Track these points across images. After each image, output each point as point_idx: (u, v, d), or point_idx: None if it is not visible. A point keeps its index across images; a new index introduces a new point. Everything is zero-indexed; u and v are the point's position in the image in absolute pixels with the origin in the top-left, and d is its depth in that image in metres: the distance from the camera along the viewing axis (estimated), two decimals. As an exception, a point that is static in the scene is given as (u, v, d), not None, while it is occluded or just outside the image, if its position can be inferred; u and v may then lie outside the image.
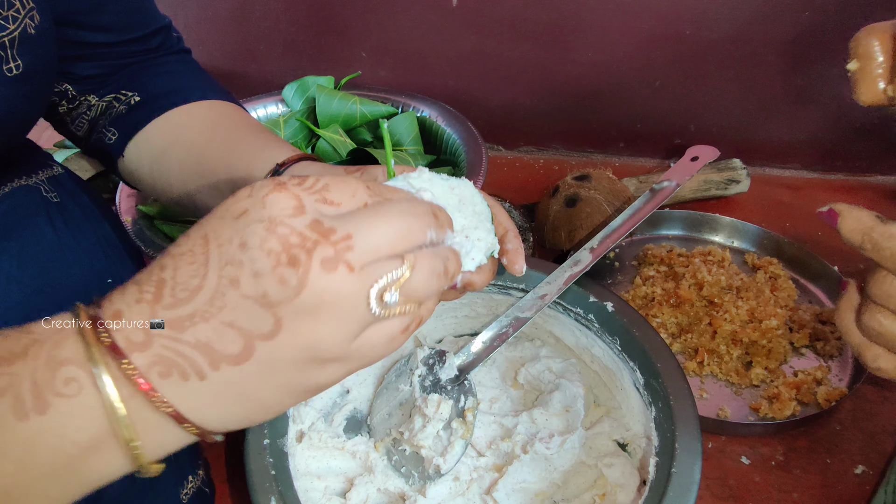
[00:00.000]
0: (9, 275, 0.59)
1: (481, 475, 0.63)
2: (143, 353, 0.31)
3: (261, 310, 0.31)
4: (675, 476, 0.53)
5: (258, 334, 0.31)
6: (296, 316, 0.31)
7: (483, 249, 0.42)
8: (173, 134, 0.66)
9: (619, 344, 0.66)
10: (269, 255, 0.31)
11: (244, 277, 0.31)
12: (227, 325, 0.31)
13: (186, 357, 0.31)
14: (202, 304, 0.31)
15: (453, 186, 0.42)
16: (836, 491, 0.67)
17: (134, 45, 0.68)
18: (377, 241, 0.32)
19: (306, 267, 0.31)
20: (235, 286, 0.31)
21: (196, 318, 0.31)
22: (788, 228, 0.98)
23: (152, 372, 0.31)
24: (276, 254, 0.31)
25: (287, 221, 0.31)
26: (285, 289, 0.31)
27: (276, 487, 0.53)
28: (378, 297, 0.32)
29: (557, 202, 0.88)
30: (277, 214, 0.31)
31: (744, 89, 1.04)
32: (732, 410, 0.74)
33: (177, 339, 0.31)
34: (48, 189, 0.67)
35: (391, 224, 0.33)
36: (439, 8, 1.03)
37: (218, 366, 0.32)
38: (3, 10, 0.50)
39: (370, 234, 0.32)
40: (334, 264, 0.31)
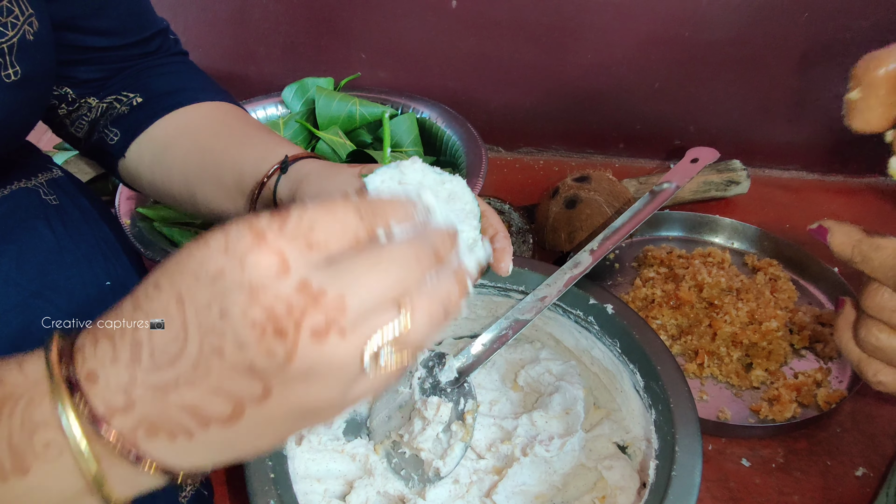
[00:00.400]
0: (7, 277, 0.59)
1: (481, 478, 0.63)
2: (126, 415, 0.30)
3: (249, 378, 0.29)
4: (676, 479, 0.53)
5: (248, 398, 0.30)
6: (286, 383, 0.29)
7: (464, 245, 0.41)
8: (176, 132, 0.67)
9: (619, 346, 0.66)
10: (253, 328, 0.28)
11: (228, 348, 0.29)
12: (214, 390, 0.29)
13: (173, 419, 0.30)
14: (185, 369, 0.29)
15: (445, 181, 0.42)
16: (836, 493, 0.67)
17: (133, 49, 0.68)
18: (372, 297, 0.30)
19: (294, 338, 0.28)
20: (219, 356, 0.29)
21: (181, 383, 0.29)
22: (788, 230, 0.98)
23: (138, 433, 0.30)
24: (261, 325, 0.28)
25: (271, 288, 0.28)
26: (273, 360, 0.28)
27: (275, 490, 0.53)
28: (373, 357, 0.30)
29: (557, 203, 0.88)
30: (259, 279, 0.28)
31: (743, 91, 1.04)
32: (732, 412, 0.73)
33: (162, 402, 0.30)
34: (47, 191, 0.67)
35: (389, 274, 0.30)
36: (439, 9, 1.03)
37: (207, 426, 0.30)
38: (2, 17, 0.50)
39: (365, 290, 0.29)
40: (325, 332, 0.28)
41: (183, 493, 0.57)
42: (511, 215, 0.95)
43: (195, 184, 0.64)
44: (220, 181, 0.62)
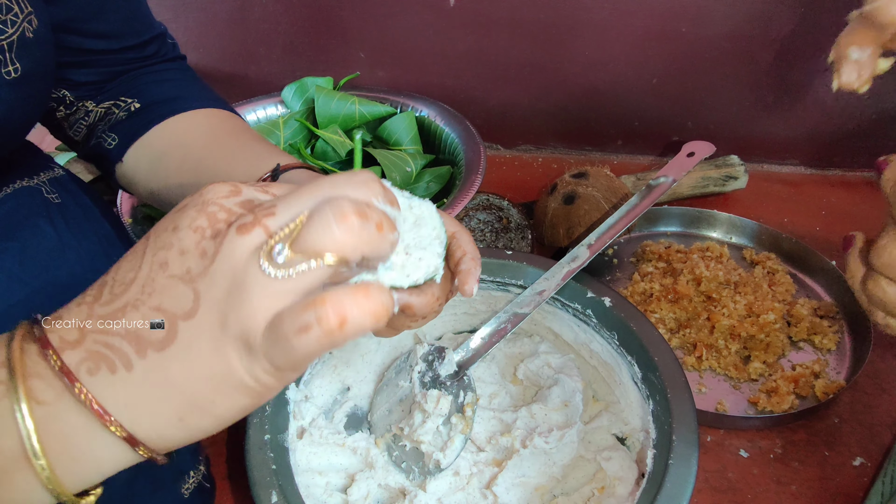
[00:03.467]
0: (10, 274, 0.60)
1: (481, 470, 0.63)
2: (75, 350, 0.31)
3: (184, 286, 0.31)
4: (673, 468, 0.53)
5: (181, 313, 0.31)
6: (210, 286, 0.30)
7: (423, 269, 0.39)
8: (173, 140, 0.67)
9: (617, 339, 0.66)
10: (195, 232, 0.31)
11: (172, 257, 0.31)
12: (155, 309, 0.31)
13: (115, 348, 0.31)
14: (135, 293, 0.31)
15: (413, 205, 0.41)
16: (834, 483, 0.67)
17: (130, 53, 0.69)
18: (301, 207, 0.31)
19: (223, 235, 0.31)
20: (164, 268, 0.31)
21: (128, 307, 0.31)
22: (786, 224, 0.99)
23: (81, 369, 0.31)
24: (202, 229, 0.31)
25: (219, 201, 0.32)
26: (203, 260, 0.31)
27: (276, 482, 0.53)
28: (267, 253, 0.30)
29: (555, 200, 0.89)
30: (211, 197, 0.32)
31: (741, 86, 1.04)
32: (731, 404, 0.74)
33: (107, 332, 0.31)
34: (49, 190, 0.68)
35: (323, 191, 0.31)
36: (437, 8, 1.03)
37: (145, 352, 0.31)
38: (1, 14, 0.51)
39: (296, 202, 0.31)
40: (250, 228, 0.30)
41: (185, 485, 0.57)
42: (510, 212, 0.96)
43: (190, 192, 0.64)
44: None
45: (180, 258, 0.31)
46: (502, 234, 0.93)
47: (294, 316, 0.29)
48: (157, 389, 0.31)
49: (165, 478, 0.56)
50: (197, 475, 0.59)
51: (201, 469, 0.61)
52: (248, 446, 0.56)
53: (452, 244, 0.47)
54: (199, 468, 0.60)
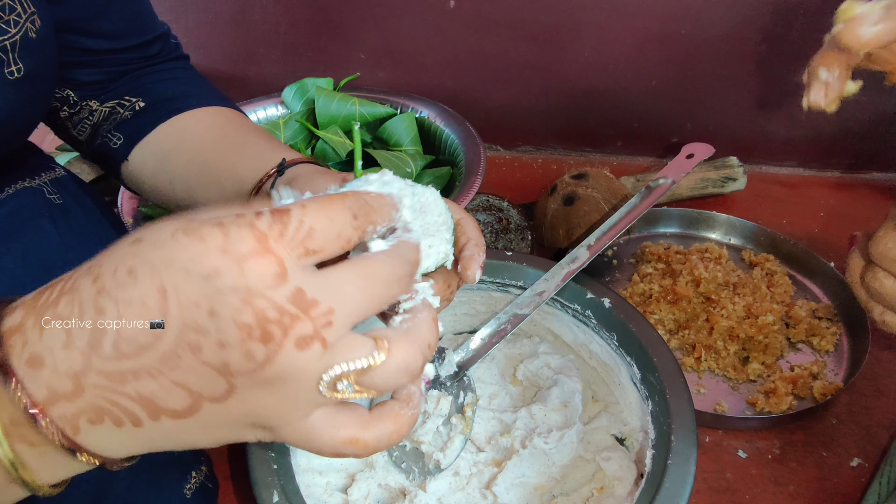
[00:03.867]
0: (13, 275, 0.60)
1: (481, 470, 0.64)
2: (72, 401, 0.29)
3: (217, 376, 0.29)
4: (672, 468, 0.54)
5: (208, 397, 0.29)
6: (251, 386, 0.29)
7: (433, 258, 0.40)
8: (178, 138, 0.67)
9: (616, 339, 0.67)
10: (240, 329, 0.28)
11: (207, 346, 0.28)
12: (177, 384, 0.29)
13: (123, 407, 0.29)
14: (152, 361, 0.28)
15: (416, 192, 0.40)
16: (831, 483, 0.68)
17: (133, 52, 0.69)
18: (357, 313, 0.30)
19: (280, 343, 0.28)
20: (196, 353, 0.28)
21: (142, 373, 0.28)
22: (785, 226, 0.99)
23: (81, 419, 0.29)
24: (249, 328, 0.28)
25: (267, 294, 0.28)
26: (250, 363, 0.28)
27: (278, 482, 0.54)
28: (331, 383, 0.30)
29: (555, 201, 0.89)
30: (256, 285, 0.28)
31: (740, 87, 1.05)
32: (729, 405, 0.74)
33: (115, 391, 0.29)
34: (51, 191, 0.68)
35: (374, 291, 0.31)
36: (437, 9, 1.04)
37: (158, 417, 0.29)
38: (4, 14, 0.51)
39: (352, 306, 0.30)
40: (310, 341, 0.29)
41: (188, 485, 0.58)
42: (510, 212, 0.96)
43: (196, 190, 0.64)
44: (220, 186, 0.63)
45: (219, 350, 0.28)
46: (502, 234, 0.93)
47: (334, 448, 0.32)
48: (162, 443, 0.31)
49: (168, 478, 0.56)
50: (199, 475, 0.60)
51: (203, 469, 0.61)
52: (249, 446, 0.56)
53: (457, 231, 0.47)
54: (202, 468, 0.61)
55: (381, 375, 0.31)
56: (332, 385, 0.30)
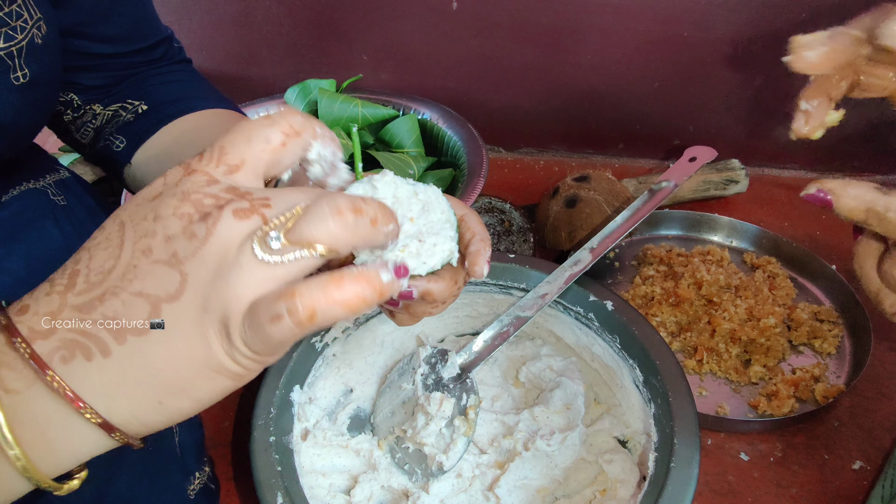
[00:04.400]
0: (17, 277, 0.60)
1: (483, 472, 0.64)
2: (47, 339, 0.31)
3: (169, 270, 0.30)
4: (674, 470, 0.54)
5: (164, 296, 0.30)
6: (199, 267, 0.30)
7: (439, 255, 0.40)
8: (181, 140, 0.67)
9: (618, 342, 0.67)
10: (180, 218, 0.31)
11: (156, 244, 0.31)
12: (136, 294, 0.30)
13: (91, 335, 0.31)
14: (114, 280, 0.31)
15: (418, 192, 0.41)
16: (833, 486, 0.68)
17: (137, 56, 0.69)
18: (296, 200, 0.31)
19: (216, 217, 0.30)
20: (147, 254, 0.31)
21: (107, 295, 0.31)
22: (787, 228, 0.99)
23: (55, 358, 0.31)
24: (189, 215, 0.31)
25: (201, 190, 0.32)
26: (193, 242, 0.30)
27: (282, 483, 0.54)
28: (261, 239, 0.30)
29: (557, 203, 0.89)
30: (190, 187, 0.32)
31: (742, 90, 1.05)
32: (731, 408, 0.74)
33: (83, 321, 0.31)
34: (55, 192, 0.68)
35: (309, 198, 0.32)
36: (440, 11, 1.04)
37: (124, 339, 0.30)
38: (11, 21, 0.51)
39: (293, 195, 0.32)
40: (248, 214, 0.30)
41: (191, 486, 0.58)
42: (512, 214, 0.96)
43: None
44: None
45: (165, 244, 0.31)
46: (504, 237, 0.93)
47: (267, 305, 0.30)
48: (135, 374, 0.31)
49: (171, 479, 0.56)
50: (202, 476, 0.60)
51: (206, 470, 0.61)
52: (253, 448, 0.56)
53: (461, 226, 0.47)
54: (205, 469, 0.61)
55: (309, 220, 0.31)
56: (262, 240, 0.30)
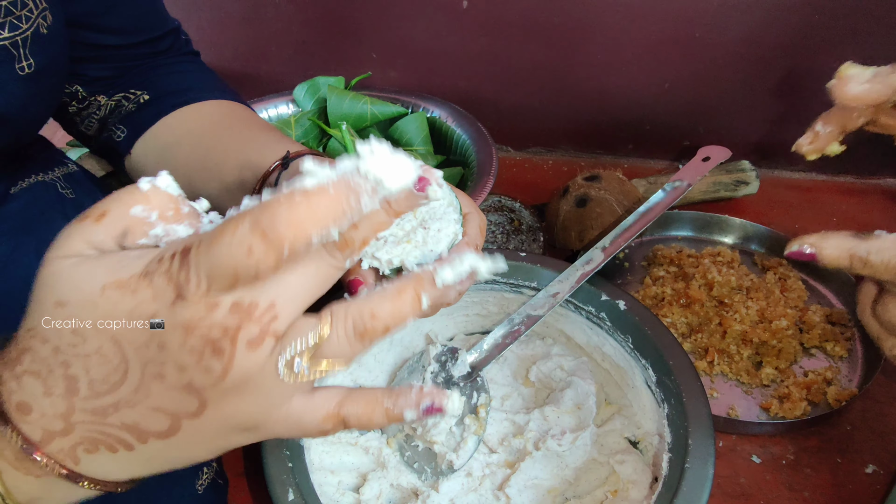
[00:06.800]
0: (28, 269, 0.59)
1: (494, 471, 0.63)
2: (66, 437, 0.32)
3: (186, 395, 0.31)
4: (689, 472, 0.53)
5: (185, 413, 0.32)
6: (221, 395, 0.31)
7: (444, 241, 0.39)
8: (181, 131, 0.66)
9: (631, 342, 0.66)
10: (191, 353, 0.30)
11: (169, 373, 0.31)
12: (154, 409, 0.31)
13: (113, 435, 0.32)
14: (126, 394, 0.31)
15: None
16: (846, 490, 0.67)
17: (144, 48, 0.68)
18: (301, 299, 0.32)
19: (231, 353, 0.30)
20: (160, 380, 0.31)
21: (121, 405, 0.31)
22: (798, 230, 0.99)
23: (78, 449, 0.32)
24: (199, 350, 0.30)
25: (205, 321, 0.30)
26: (210, 376, 0.31)
27: (293, 480, 0.53)
28: (287, 365, 0.32)
29: (568, 202, 0.89)
30: (192, 318, 0.30)
31: (754, 91, 1.04)
32: (743, 410, 0.74)
33: (102, 423, 0.31)
34: (64, 185, 0.68)
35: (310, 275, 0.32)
36: (450, 9, 1.03)
37: (146, 440, 0.32)
38: (16, 10, 0.51)
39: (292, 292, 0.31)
40: (260, 341, 0.31)
41: (199, 481, 0.57)
42: (522, 213, 0.96)
43: (198, 183, 0.63)
44: (222, 180, 0.62)
45: (179, 373, 0.30)
46: (514, 235, 0.93)
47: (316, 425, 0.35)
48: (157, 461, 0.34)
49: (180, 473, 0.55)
50: (210, 471, 0.59)
51: (214, 465, 0.61)
52: (264, 444, 0.56)
53: None
54: (213, 464, 0.60)
55: (331, 346, 0.32)
56: (288, 367, 0.32)
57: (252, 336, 0.30)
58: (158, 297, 0.30)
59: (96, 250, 0.32)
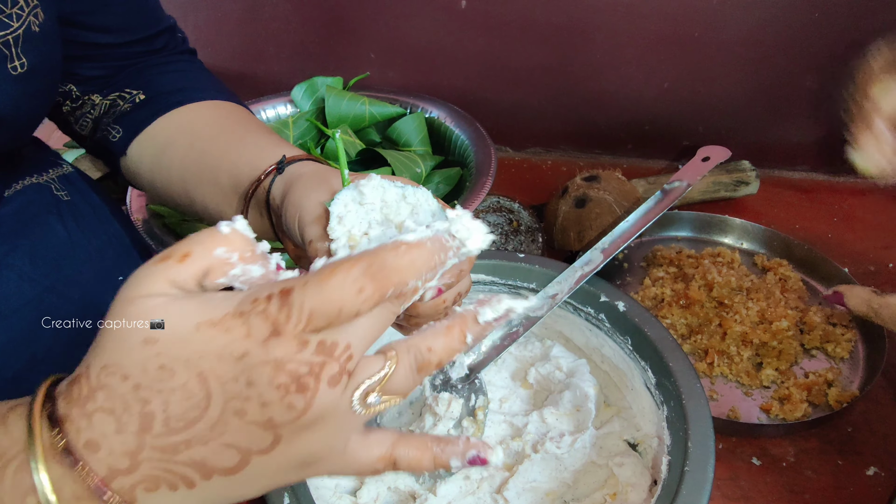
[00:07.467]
0: (21, 272, 0.59)
1: (492, 474, 0.63)
2: (129, 475, 0.31)
3: (263, 431, 0.32)
4: (689, 474, 0.53)
5: (256, 450, 0.32)
6: (296, 432, 0.32)
7: None
8: (177, 131, 0.65)
9: (630, 343, 0.66)
10: (278, 389, 0.31)
11: (251, 409, 0.31)
12: (227, 445, 0.32)
13: (177, 473, 0.32)
14: (202, 430, 0.31)
15: (406, 195, 0.42)
16: (847, 492, 0.67)
17: (138, 46, 0.67)
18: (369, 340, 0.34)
19: (314, 390, 0.32)
20: (241, 416, 0.31)
21: (193, 442, 0.31)
22: (798, 230, 0.98)
23: (138, 489, 0.32)
24: (286, 386, 0.31)
25: (294, 358, 0.31)
26: (292, 412, 0.32)
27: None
28: (361, 399, 0.34)
29: (567, 203, 0.88)
30: (283, 356, 0.31)
31: (753, 91, 1.04)
32: (743, 411, 0.73)
33: (169, 461, 0.32)
34: (59, 187, 0.67)
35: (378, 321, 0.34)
36: (448, 9, 1.03)
37: (210, 476, 0.32)
38: (6, 8, 0.50)
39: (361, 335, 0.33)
40: (339, 378, 0.32)
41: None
42: (520, 214, 0.95)
43: (192, 185, 0.62)
44: (216, 182, 0.60)
45: (261, 409, 0.31)
46: (512, 236, 0.92)
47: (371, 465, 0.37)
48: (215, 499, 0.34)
49: None
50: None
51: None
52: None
53: None
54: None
55: (396, 379, 0.35)
56: (363, 401, 0.34)
57: (332, 373, 0.32)
58: (253, 334, 0.31)
59: (179, 290, 0.33)
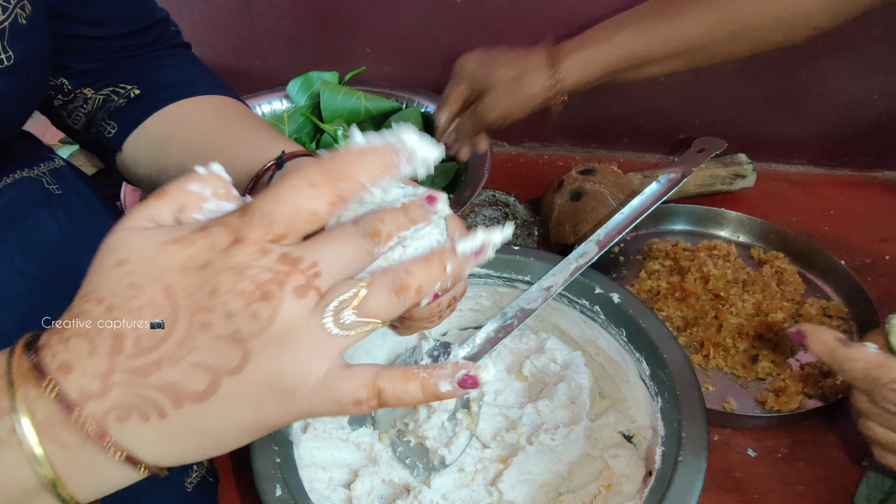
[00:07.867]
0: (11, 265, 0.59)
1: (486, 466, 0.63)
2: (101, 400, 0.31)
3: (230, 346, 0.31)
4: (682, 465, 0.53)
5: (225, 370, 0.31)
6: (264, 346, 0.31)
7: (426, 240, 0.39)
8: (173, 127, 0.65)
9: (625, 335, 0.66)
10: (241, 296, 0.31)
11: (216, 320, 0.31)
12: (195, 365, 0.31)
13: (148, 399, 0.31)
14: (170, 349, 0.31)
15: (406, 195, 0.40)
16: (840, 483, 0.67)
17: (129, 39, 0.67)
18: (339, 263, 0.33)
19: (279, 298, 0.31)
20: (208, 329, 0.31)
21: (163, 362, 0.31)
22: (794, 223, 0.98)
23: (109, 417, 0.31)
24: (249, 293, 0.31)
25: (256, 263, 0.31)
26: (257, 322, 0.31)
27: (281, 475, 0.53)
28: (335, 316, 0.32)
29: (562, 196, 0.88)
30: (244, 261, 0.31)
31: (749, 84, 1.03)
32: (738, 403, 0.73)
33: (140, 385, 0.31)
34: (50, 181, 0.67)
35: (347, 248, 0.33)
36: (443, 3, 1.03)
37: (181, 404, 0.31)
38: None
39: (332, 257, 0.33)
40: (306, 290, 0.31)
41: (189, 479, 0.57)
42: (516, 208, 0.95)
43: None
44: None
45: (226, 321, 0.31)
46: (508, 230, 0.92)
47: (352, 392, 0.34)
48: (188, 435, 0.32)
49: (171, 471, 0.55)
50: (200, 469, 0.59)
51: (205, 463, 0.60)
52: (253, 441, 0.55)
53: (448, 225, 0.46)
54: (203, 462, 0.60)
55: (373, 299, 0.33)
56: (336, 318, 0.32)
57: (298, 283, 0.31)
58: (215, 244, 0.32)
59: (155, 223, 0.34)
